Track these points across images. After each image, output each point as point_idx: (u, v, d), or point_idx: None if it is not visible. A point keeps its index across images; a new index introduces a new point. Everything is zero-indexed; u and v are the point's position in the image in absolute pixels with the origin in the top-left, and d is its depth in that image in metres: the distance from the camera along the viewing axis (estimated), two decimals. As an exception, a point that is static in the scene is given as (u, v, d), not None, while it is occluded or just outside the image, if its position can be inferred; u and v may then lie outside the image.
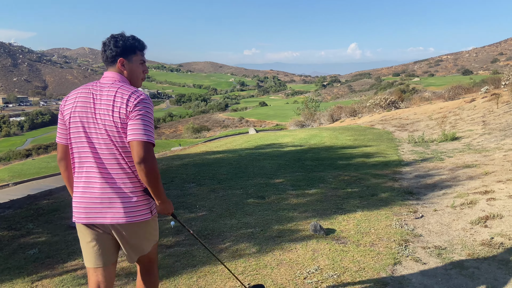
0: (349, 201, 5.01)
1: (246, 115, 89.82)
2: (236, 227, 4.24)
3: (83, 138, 1.98)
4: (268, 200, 5.18)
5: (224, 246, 3.73)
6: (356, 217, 4.41)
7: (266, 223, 4.32)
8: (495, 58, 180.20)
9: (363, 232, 3.95)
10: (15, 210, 5.05)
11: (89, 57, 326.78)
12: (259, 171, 6.98)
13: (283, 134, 11.99)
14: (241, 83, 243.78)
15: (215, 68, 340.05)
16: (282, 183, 6.04)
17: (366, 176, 6.27)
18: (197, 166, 7.45)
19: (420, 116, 13.63)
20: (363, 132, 11.58)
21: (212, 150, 9.34)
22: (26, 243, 3.97)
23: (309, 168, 7.12)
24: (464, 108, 12.28)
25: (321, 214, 4.56)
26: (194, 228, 4.25)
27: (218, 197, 5.40)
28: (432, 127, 11.36)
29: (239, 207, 4.90)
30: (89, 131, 1.97)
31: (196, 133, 52.90)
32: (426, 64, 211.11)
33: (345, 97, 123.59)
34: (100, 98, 1.97)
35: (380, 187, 5.62)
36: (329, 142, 10.00)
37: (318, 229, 3.95)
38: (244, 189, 5.75)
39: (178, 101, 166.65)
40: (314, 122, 21.67)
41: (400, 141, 9.76)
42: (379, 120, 14.92)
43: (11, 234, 4.21)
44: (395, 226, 4.09)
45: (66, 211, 5.04)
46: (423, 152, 8.04)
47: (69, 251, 3.74)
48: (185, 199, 5.32)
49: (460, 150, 7.82)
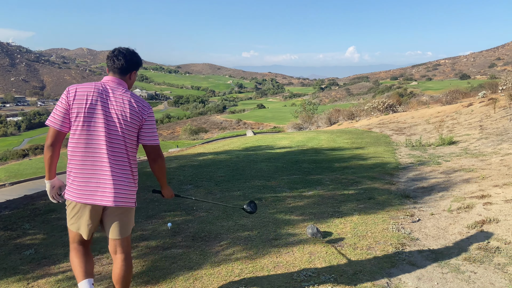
0: (346, 204, 5.02)
1: (244, 117, 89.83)
2: (233, 229, 4.24)
3: (96, 131, 2.34)
4: (265, 202, 5.18)
5: (221, 248, 3.73)
6: (353, 220, 4.41)
7: (263, 225, 4.32)
8: (492, 63, 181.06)
9: (360, 235, 3.95)
10: (11, 210, 5.02)
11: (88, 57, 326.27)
12: (256, 173, 6.98)
13: (280, 137, 12.00)
14: (239, 85, 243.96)
15: (213, 70, 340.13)
16: (279, 186, 6.04)
17: (363, 179, 6.28)
18: (194, 168, 7.44)
19: (418, 120, 13.67)
20: (361, 136, 11.61)
21: (209, 152, 9.34)
22: (22, 243, 3.95)
23: (306, 170, 7.13)
24: (461, 113, 12.33)
25: (318, 217, 4.56)
26: (191, 229, 4.24)
27: (215, 199, 5.39)
28: (429, 131, 11.39)
29: (236, 209, 4.89)
30: (102, 126, 2.33)
31: (194, 134, 52.84)
32: (424, 68, 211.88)
33: (343, 100, 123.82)
34: (115, 100, 2.37)
35: (377, 190, 5.63)
36: (327, 145, 10.01)
37: (315, 232, 3.96)
38: (242, 191, 5.75)
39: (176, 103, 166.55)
40: (312, 125, 21.70)
41: (398, 145, 9.79)
42: (377, 124, 14.96)
43: (7, 234, 4.19)
44: (392, 230, 4.10)
45: (63, 211, 5.01)
46: (420, 156, 8.06)
47: (65, 252, 3.72)
48: (182, 201, 5.31)
49: (457, 154, 7.85)
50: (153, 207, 5.11)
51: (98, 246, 3.76)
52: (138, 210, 5.02)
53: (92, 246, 2.92)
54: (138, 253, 3.68)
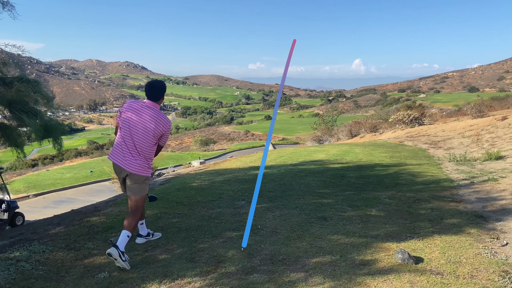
0: (419, 225, 4.71)
1: (252, 128, 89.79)
2: (311, 252, 3.95)
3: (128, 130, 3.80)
4: (332, 222, 4.89)
5: (308, 274, 3.43)
6: (437, 243, 4.11)
7: (342, 248, 4.03)
8: (501, 76, 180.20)
9: (455, 262, 3.64)
10: (66, 227, 4.78)
11: (97, 69, 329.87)
12: (305, 188, 6.71)
13: (313, 150, 11.71)
14: (247, 97, 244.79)
15: (221, 81, 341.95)
16: (338, 203, 5.75)
17: (424, 197, 5.98)
18: (240, 182, 7.18)
19: (450, 133, 13.34)
20: (396, 149, 11.29)
21: (248, 166, 9.07)
22: (92, 265, 3.69)
23: (357, 186, 6.84)
24: (497, 126, 11.99)
25: (396, 239, 4.26)
26: (266, 251, 3.96)
27: (276, 217, 5.12)
28: (468, 144, 11.06)
29: (304, 229, 4.61)
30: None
31: (205, 145, 52.63)
32: (431, 81, 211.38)
33: (350, 112, 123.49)
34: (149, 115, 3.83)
35: (446, 210, 5.31)
36: (366, 158, 9.71)
37: (406, 258, 3.65)
38: (300, 209, 5.46)
39: (184, 114, 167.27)
40: (332, 137, 21.41)
41: (440, 159, 9.46)
42: (406, 136, 14.64)
43: (73, 254, 3.93)
44: (486, 255, 3.78)
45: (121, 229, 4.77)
46: (470, 172, 7.74)
47: (141, 275, 3.46)
48: (242, 218, 5.05)
49: (510, 170, 7.51)
50: (214, 225, 4.84)
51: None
52: (200, 228, 4.76)
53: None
54: (220, 278, 3.40)
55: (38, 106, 6.36)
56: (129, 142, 3.74)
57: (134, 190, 3.85)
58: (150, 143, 3.79)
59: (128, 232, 3.69)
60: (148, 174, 3.88)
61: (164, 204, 5.90)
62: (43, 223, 5.80)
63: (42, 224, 5.73)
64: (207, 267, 3.63)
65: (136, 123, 3.73)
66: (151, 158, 3.91)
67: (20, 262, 3.84)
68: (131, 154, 3.75)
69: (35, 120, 5.91)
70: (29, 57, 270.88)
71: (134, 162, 3.75)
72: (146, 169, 3.85)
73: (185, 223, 4.99)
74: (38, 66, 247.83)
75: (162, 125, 3.78)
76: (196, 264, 3.68)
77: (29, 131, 6.69)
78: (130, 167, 3.75)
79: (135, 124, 3.73)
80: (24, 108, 5.68)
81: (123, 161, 3.76)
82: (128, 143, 3.75)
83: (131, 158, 3.75)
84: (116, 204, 6.15)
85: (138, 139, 3.73)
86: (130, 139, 3.73)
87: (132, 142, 3.74)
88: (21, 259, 3.94)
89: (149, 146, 3.79)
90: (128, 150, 3.75)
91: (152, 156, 3.90)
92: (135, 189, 3.84)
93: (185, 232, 4.64)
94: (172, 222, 5.04)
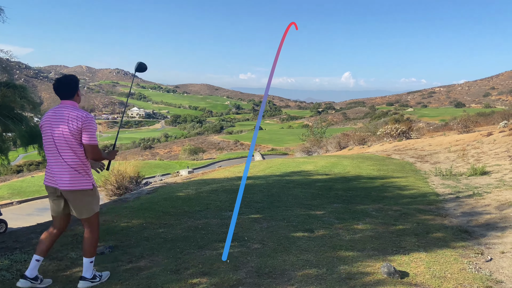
0: (405, 239, 4.74)
1: (241, 138, 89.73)
2: (298, 264, 3.93)
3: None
4: (318, 234, 4.89)
5: (294, 287, 3.42)
6: (422, 258, 4.13)
7: (328, 261, 4.02)
8: (487, 92, 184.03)
9: (440, 277, 3.66)
10: (49, 236, 4.67)
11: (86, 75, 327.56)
12: (293, 200, 6.71)
13: (302, 161, 11.75)
14: (237, 106, 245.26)
15: (211, 90, 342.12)
16: (325, 215, 5.76)
17: (410, 211, 6.02)
18: (227, 192, 7.15)
19: (437, 148, 13.53)
20: (383, 162, 11.39)
21: (236, 176, 9.05)
22: (75, 276, 3.61)
23: (345, 199, 6.86)
24: (483, 142, 12.20)
25: (382, 253, 4.27)
26: (252, 264, 3.93)
27: (263, 229, 5.10)
28: (453, 159, 11.22)
29: (291, 241, 4.60)
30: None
31: (193, 154, 52.39)
32: (419, 95, 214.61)
33: (339, 124, 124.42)
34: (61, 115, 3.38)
35: (431, 225, 5.36)
36: (354, 171, 9.77)
37: (392, 272, 3.66)
38: (288, 221, 5.46)
39: (173, 122, 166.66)
40: (321, 149, 21.53)
41: (426, 173, 9.57)
42: (393, 150, 14.79)
43: (55, 264, 3.85)
44: (470, 271, 3.81)
45: (107, 238, 4.70)
46: (456, 187, 7.83)
47: (124, 287, 3.40)
48: (228, 229, 5.01)
49: (495, 185, 7.62)
50: (201, 236, 4.80)
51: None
52: (187, 239, 4.71)
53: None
54: (206, 291, 3.36)
55: (24, 112, 6.28)
56: (55, 154, 3.31)
57: (80, 211, 3.37)
58: (72, 145, 3.28)
59: (90, 259, 3.42)
60: (86, 186, 3.34)
61: (150, 214, 5.84)
62: (26, 231, 5.69)
63: (24, 232, 5.61)
64: (192, 279, 3.59)
65: (55, 130, 3.29)
66: (85, 166, 3.35)
67: (1, 271, 3.75)
68: (59, 168, 3.29)
69: (20, 126, 5.83)
70: (18, 62, 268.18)
71: (64, 176, 3.27)
72: (81, 181, 3.32)
73: (171, 233, 4.93)
74: (26, 71, 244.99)
75: (76, 119, 3.26)
76: (181, 276, 3.63)
77: (14, 137, 6.57)
78: (61, 183, 3.27)
79: (55, 131, 3.29)
80: (10, 113, 5.60)
81: (51, 180, 3.33)
82: (54, 156, 3.31)
83: (60, 173, 3.29)
84: (101, 213, 6.05)
85: (61, 147, 3.29)
86: (56, 150, 3.30)
87: (57, 153, 3.30)
88: (2, 268, 3.85)
89: (73, 150, 3.29)
90: (56, 165, 3.31)
91: (83, 163, 3.35)
92: (80, 209, 3.36)
93: (171, 243, 4.59)
94: (157, 233, 4.98)
